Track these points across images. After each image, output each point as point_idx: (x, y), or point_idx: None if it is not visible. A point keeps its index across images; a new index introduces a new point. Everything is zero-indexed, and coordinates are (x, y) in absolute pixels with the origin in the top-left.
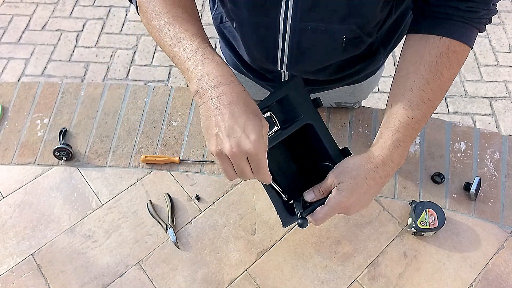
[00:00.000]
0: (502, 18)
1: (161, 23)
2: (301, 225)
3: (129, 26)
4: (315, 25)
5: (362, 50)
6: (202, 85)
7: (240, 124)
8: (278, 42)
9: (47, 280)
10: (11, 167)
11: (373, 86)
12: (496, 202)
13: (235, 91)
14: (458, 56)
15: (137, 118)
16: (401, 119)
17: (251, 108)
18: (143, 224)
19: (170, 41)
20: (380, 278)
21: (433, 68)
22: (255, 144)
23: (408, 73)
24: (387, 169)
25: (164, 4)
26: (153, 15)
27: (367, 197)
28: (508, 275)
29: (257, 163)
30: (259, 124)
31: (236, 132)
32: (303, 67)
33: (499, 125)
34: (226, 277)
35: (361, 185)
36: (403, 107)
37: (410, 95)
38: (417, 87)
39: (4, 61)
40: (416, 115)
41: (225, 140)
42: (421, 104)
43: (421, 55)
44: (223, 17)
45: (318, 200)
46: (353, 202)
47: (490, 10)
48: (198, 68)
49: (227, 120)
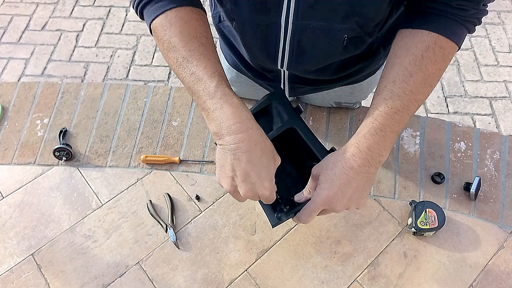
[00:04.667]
0: (502, 18)
1: (178, 57)
2: (279, 218)
3: (129, 26)
4: (316, 24)
5: (362, 50)
6: (221, 130)
7: (256, 171)
8: (279, 41)
9: (47, 280)
10: (11, 167)
11: (373, 86)
12: (496, 202)
13: (253, 138)
14: (444, 52)
15: (137, 118)
16: (379, 108)
17: (266, 153)
18: (143, 224)
19: (189, 78)
20: (380, 278)
21: (418, 62)
22: (268, 189)
23: (393, 65)
24: (364, 157)
25: (181, 36)
26: (170, 46)
27: (352, 190)
28: (508, 275)
29: (267, 200)
30: (271, 168)
31: (251, 178)
32: (303, 67)
33: (499, 125)
34: (226, 277)
35: (339, 175)
36: (383, 98)
37: (391, 86)
38: (400, 79)
39: (4, 61)
40: (396, 105)
41: (241, 184)
42: (403, 96)
43: (407, 48)
44: (221, 17)
45: (307, 199)
46: (335, 194)
47: (480, 10)
48: (217, 112)
49: (243, 167)
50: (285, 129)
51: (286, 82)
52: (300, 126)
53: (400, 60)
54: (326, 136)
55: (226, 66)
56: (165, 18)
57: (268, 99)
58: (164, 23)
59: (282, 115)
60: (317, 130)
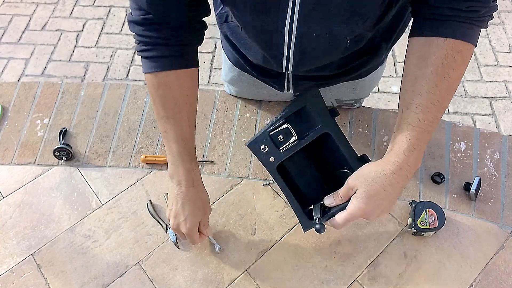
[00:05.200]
0: (502, 18)
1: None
2: (318, 230)
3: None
4: (320, 29)
5: (364, 44)
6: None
7: (185, 214)
8: (283, 47)
9: (47, 280)
10: (11, 167)
11: (374, 83)
12: (496, 202)
13: (190, 193)
14: (463, 56)
15: (137, 118)
16: (413, 123)
17: (197, 205)
18: (143, 224)
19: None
20: (380, 278)
21: (440, 70)
22: (189, 229)
23: (416, 77)
24: (404, 173)
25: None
26: (154, 103)
27: (386, 202)
28: (508, 275)
29: (189, 239)
30: (197, 217)
31: (180, 217)
32: (307, 67)
33: (499, 125)
34: (226, 277)
35: (378, 191)
36: (413, 111)
37: (419, 99)
38: (425, 90)
39: (4, 61)
40: (427, 117)
41: (171, 219)
42: (431, 107)
43: (426, 59)
44: (228, 16)
45: (338, 205)
46: (372, 208)
47: (491, 7)
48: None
49: (179, 208)
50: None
51: (290, 79)
52: (334, 131)
53: (422, 71)
54: None
55: (228, 64)
56: (154, 78)
57: (303, 100)
58: (153, 82)
59: (316, 118)
60: None
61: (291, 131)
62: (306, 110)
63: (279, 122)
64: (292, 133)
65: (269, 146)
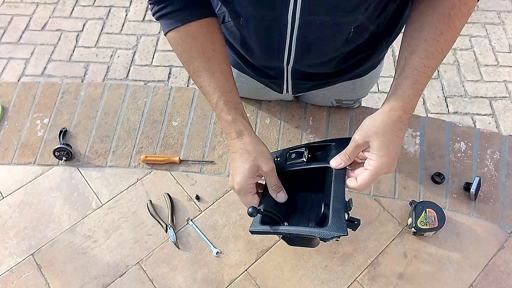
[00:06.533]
0: (502, 18)
1: (189, 70)
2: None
3: (129, 26)
4: (323, 18)
5: (365, 38)
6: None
7: (232, 172)
8: (285, 38)
9: (47, 280)
10: (11, 167)
11: (373, 82)
12: (496, 202)
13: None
14: (468, 7)
15: (137, 118)
16: (418, 68)
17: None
18: (143, 224)
19: (200, 89)
20: (380, 278)
21: (446, 19)
22: (237, 190)
23: (422, 24)
24: (407, 117)
25: (190, 52)
26: (182, 60)
27: (399, 149)
28: (508, 275)
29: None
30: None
31: (231, 177)
32: (308, 61)
33: (499, 125)
34: (226, 277)
35: (393, 139)
36: (419, 57)
37: (425, 45)
38: (431, 37)
39: (4, 61)
40: (431, 63)
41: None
42: (436, 53)
43: (434, 7)
44: (225, 17)
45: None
46: (393, 158)
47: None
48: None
49: (232, 164)
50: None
51: (289, 79)
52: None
53: (429, 19)
54: (326, 136)
55: None
56: (176, 34)
57: (333, 140)
58: (176, 39)
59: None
60: (317, 130)
61: (304, 154)
62: (331, 147)
63: (302, 146)
64: (304, 156)
65: (281, 159)
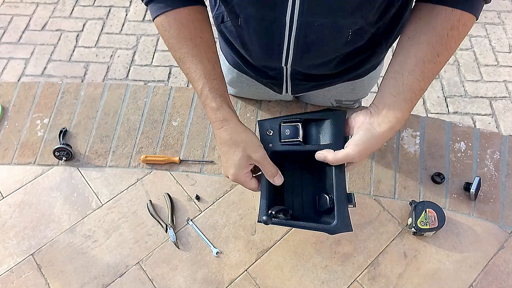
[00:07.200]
0: (502, 18)
1: (176, 57)
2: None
3: (129, 26)
4: (322, 20)
5: (365, 40)
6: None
7: (224, 160)
8: (284, 38)
9: (47, 280)
10: (11, 167)
11: (373, 83)
12: (496, 202)
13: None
14: (466, 29)
15: (137, 118)
16: (415, 91)
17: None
18: (143, 224)
19: (186, 76)
20: (380, 278)
21: (444, 41)
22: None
23: (420, 43)
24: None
25: (177, 38)
26: (169, 46)
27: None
28: (508, 275)
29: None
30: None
31: (224, 165)
32: (307, 62)
33: (499, 125)
34: (226, 277)
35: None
36: (417, 79)
37: (422, 66)
38: (428, 59)
39: (4, 61)
40: (426, 86)
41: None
42: (430, 77)
43: (433, 27)
44: (224, 17)
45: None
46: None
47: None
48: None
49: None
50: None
51: (288, 80)
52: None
53: (427, 38)
54: None
55: (227, 66)
56: (165, 19)
57: (327, 114)
58: (164, 24)
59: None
60: None
61: (299, 132)
62: (326, 126)
63: (295, 118)
64: (299, 134)
65: (274, 133)
